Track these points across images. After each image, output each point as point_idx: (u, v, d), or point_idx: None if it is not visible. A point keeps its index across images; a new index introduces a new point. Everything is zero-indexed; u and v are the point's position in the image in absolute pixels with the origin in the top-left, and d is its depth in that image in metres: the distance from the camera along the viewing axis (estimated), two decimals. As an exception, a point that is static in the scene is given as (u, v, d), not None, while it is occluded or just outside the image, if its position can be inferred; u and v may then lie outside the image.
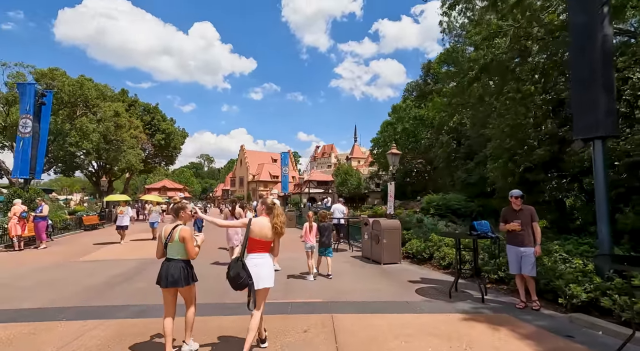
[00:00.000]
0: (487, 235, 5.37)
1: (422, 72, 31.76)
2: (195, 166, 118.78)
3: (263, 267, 3.50)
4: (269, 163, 63.69)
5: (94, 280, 6.91)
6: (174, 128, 31.42)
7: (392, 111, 41.42)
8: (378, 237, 8.60)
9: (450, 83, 23.90)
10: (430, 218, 15.78)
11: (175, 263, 3.48)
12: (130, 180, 35.47)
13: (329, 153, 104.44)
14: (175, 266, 3.46)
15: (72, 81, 21.31)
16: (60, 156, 22.83)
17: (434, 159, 26.60)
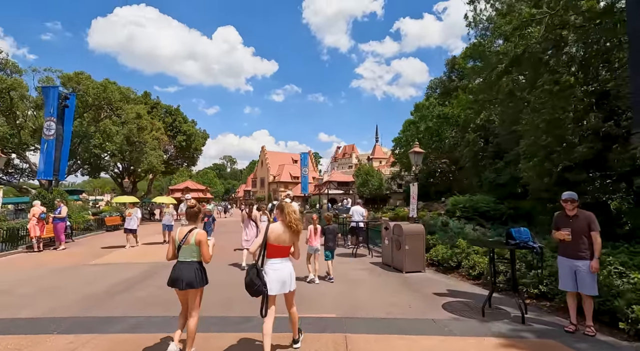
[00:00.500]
0: (527, 245, 4.61)
1: (446, 68, 30.51)
2: (219, 167, 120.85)
3: (283, 271, 3.52)
4: (289, 164, 63.63)
5: (99, 287, 6.63)
6: (195, 129, 31.69)
7: (415, 109, 40.19)
8: (399, 243, 7.92)
9: (476, 79, 22.73)
10: (456, 221, 14.85)
11: (189, 265, 3.52)
12: (154, 181, 36.13)
13: (349, 154, 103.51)
14: (190, 268, 3.51)
15: (96, 84, 21.77)
16: (86, 158, 23.38)
17: (460, 159, 25.38)
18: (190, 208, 3.78)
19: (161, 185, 68.78)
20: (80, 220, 16.93)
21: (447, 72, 30.73)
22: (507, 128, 15.74)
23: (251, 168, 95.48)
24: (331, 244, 7.56)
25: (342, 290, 6.40)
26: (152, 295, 6.07)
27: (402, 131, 43.47)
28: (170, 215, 12.78)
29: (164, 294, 6.04)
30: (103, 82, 22.49)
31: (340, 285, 6.77)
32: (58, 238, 11.80)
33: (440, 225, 14.45)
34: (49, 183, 16.25)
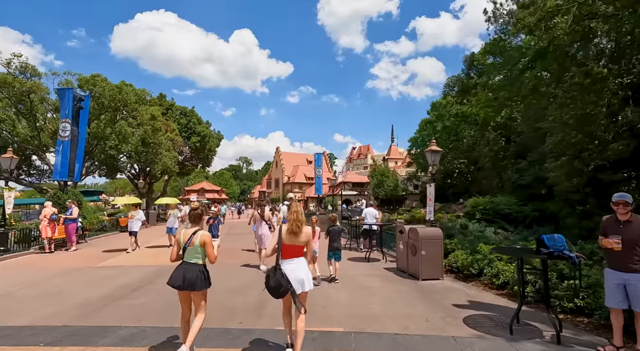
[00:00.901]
0: (563, 255, 4.03)
1: (465, 65, 29.54)
2: (234, 168, 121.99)
3: (299, 272, 3.50)
4: (304, 165, 63.43)
5: (99, 291, 6.40)
6: (209, 131, 31.79)
7: (432, 108, 39.21)
8: (415, 248, 7.39)
9: (496, 76, 21.84)
10: (476, 224, 14.14)
11: (194, 266, 3.52)
12: (169, 182, 36.49)
13: (365, 155, 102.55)
14: (193, 270, 3.49)
15: (111, 86, 22.00)
16: (102, 159, 23.68)
17: (479, 158, 24.46)
18: (193, 210, 3.78)
19: (179, 185, 69.76)
20: (95, 221, 17.04)
21: (465, 69, 29.76)
22: (530, 126, 14.90)
23: (266, 169, 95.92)
24: (336, 245, 7.38)
25: (352, 298, 5.94)
26: (151, 301, 5.78)
27: (419, 131, 42.54)
28: (174, 217, 12.28)
29: (163, 300, 5.74)
30: (119, 84, 22.74)
31: (351, 292, 6.31)
32: (69, 239, 11.79)
33: (459, 228, 13.79)
34: (64, 184, 16.43)
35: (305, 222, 3.72)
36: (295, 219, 3.59)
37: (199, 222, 3.75)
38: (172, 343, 3.94)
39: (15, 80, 19.99)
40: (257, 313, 5.16)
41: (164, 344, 3.96)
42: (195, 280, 3.45)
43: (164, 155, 24.66)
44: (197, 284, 3.46)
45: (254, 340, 4.09)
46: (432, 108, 38.77)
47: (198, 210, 3.79)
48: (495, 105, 20.64)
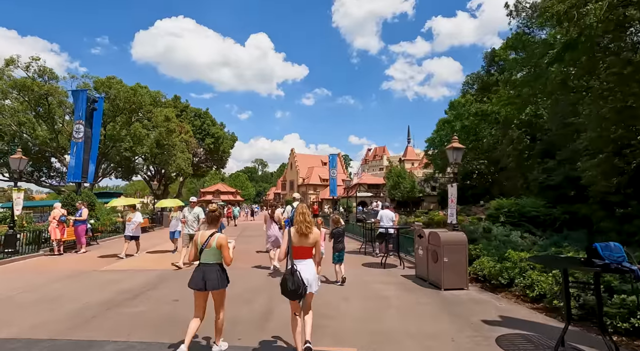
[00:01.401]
0: (622, 268, 3.33)
1: (485, 62, 28.40)
2: (250, 170, 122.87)
3: (307, 273, 3.53)
4: (318, 167, 62.99)
5: (97, 297, 6.03)
6: (223, 132, 31.74)
7: (450, 107, 38.07)
8: (436, 254, 6.73)
9: (519, 71, 20.85)
10: (501, 227, 13.24)
11: (211, 267, 3.65)
12: (188, 184, 36.67)
13: (380, 156, 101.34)
14: (211, 270, 3.63)
15: (126, 88, 22.13)
16: (117, 161, 23.85)
17: (500, 158, 23.33)
18: (211, 213, 3.92)
19: (195, 187, 70.45)
20: (108, 223, 17.00)
21: (485, 66, 28.62)
22: (559, 123, 13.91)
23: (281, 171, 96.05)
24: (340, 246, 7.35)
25: (366, 310, 5.35)
26: (148, 310, 5.35)
27: (436, 131, 41.41)
28: (177, 220, 11.16)
29: (162, 309, 5.32)
30: (133, 86, 22.87)
31: (364, 302, 5.71)
32: (79, 241, 11.63)
33: (482, 231, 12.91)
34: (78, 186, 16.48)
35: (313, 222, 3.69)
36: (302, 221, 3.60)
37: (216, 224, 3.88)
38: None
39: (33, 83, 20.34)
40: (261, 327, 4.65)
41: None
42: (215, 279, 3.60)
43: (177, 157, 24.64)
44: (217, 283, 3.61)
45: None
46: (450, 107, 37.64)
47: (216, 212, 3.93)
48: (518, 102, 19.64)
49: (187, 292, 6.40)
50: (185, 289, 6.62)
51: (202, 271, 3.63)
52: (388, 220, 10.61)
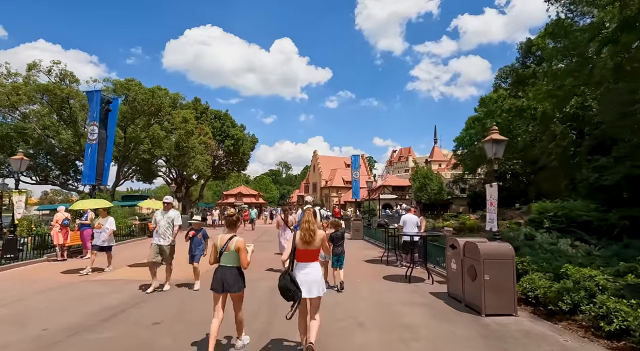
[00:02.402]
0: None
1: (520, 53, 26.23)
2: (274, 173, 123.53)
3: (312, 276, 3.55)
4: (342, 169, 61.73)
5: (71, 316, 5.20)
6: (243, 134, 31.28)
7: (480, 104, 35.82)
8: (475, 270, 5.42)
9: (561, 61, 18.89)
10: (545, 234, 11.58)
11: (230, 270, 3.75)
12: (211, 187, 36.58)
13: (405, 157, 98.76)
14: (230, 273, 3.73)
15: (145, 90, 22.00)
16: (136, 163, 23.78)
17: (539, 157, 21.21)
18: (229, 217, 4.01)
19: (220, 190, 71.12)
20: (122, 226, 16.63)
21: (520, 57, 26.45)
22: (613, 114, 12.05)
23: (304, 173, 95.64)
24: (340, 249, 7.00)
25: (385, 344, 4.16)
26: (119, 336, 4.43)
27: (465, 129, 39.19)
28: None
29: (136, 336, 4.39)
30: (152, 88, 22.71)
31: (384, 333, 4.52)
32: (84, 245, 11.10)
33: (524, 239, 11.31)
34: (93, 188, 16.25)
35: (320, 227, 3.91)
36: (307, 229, 3.59)
37: (235, 228, 3.95)
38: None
39: (55, 87, 20.55)
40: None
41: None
42: (234, 282, 3.70)
43: (196, 159, 24.28)
44: (235, 286, 3.70)
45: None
46: (481, 104, 35.43)
47: (234, 216, 3.99)
48: (560, 95, 17.70)
49: (172, 312, 5.52)
50: (171, 308, 5.78)
51: (221, 274, 3.73)
52: (412, 226, 9.33)
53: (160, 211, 7.04)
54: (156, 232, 6.90)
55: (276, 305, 5.54)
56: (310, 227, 3.59)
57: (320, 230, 3.73)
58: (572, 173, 15.41)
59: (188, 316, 5.22)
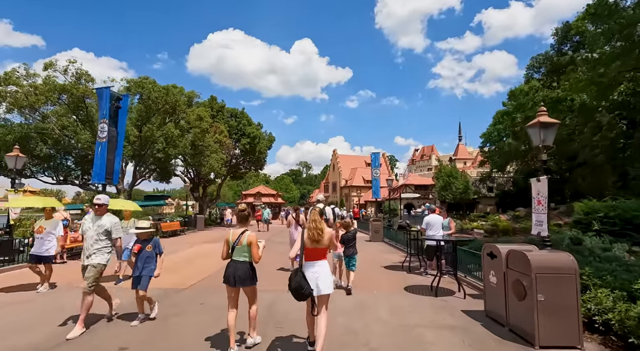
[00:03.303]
0: None
1: (555, 39, 24.10)
2: (295, 173, 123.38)
3: (321, 274, 3.59)
4: (362, 168, 60.28)
5: (32, 335, 4.40)
6: (259, 132, 30.60)
7: (509, 97, 33.56)
8: (522, 287, 4.22)
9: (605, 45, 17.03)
10: (595, 237, 10.02)
11: (242, 265, 3.80)
12: (231, 187, 36.24)
13: (428, 156, 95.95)
14: (242, 268, 3.78)
15: (158, 87, 21.63)
16: (150, 163, 23.51)
17: (579, 151, 19.21)
18: (240, 212, 4.10)
19: (241, 190, 71.14)
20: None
21: (555, 44, 24.31)
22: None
23: (324, 173, 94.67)
24: (351, 251, 6.73)
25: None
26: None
27: (493, 124, 36.94)
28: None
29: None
30: (165, 86, 22.33)
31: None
32: (86, 247, 10.55)
33: (569, 243, 9.81)
34: (103, 187, 15.88)
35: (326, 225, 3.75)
36: (314, 228, 3.63)
37: (246, 223, 4.03)
38: None
39: (72, 86, 20.50)
40: None
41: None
42: (245, 277, 3.76)
43: (210, 157, 23.76)
44: (246, 280, 3.77)
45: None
46: (510, 97, 33.20)
47: (245, 211, 4.11)
48: (604, 82, 15.85)
49: (145, 333, 4.53)
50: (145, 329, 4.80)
51: (233, 268, 3.78)
52: (437, 228, 8.11)
53: (90, 216, 4.96)
54: (86, 244, 4.84)
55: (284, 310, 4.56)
56: (317, 225, 3.63)
57: (328, 228, 3.76)
58: (621, 168, 13.59)
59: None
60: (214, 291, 6.62)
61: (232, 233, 3.88)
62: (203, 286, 7.13)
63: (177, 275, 8.15)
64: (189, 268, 9.29)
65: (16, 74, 20.25)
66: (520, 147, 31.31)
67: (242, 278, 3.72)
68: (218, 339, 4.19)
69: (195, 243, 15.43)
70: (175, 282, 7.34)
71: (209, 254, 12.27)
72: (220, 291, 6.66)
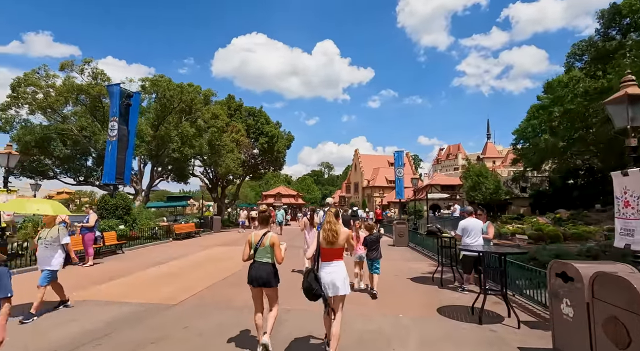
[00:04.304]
0: None
1: (600, 23, 21.68)
2: (316, 174, 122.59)
3: (336, 275, 3.57)
4: (385, 168, 58.41)
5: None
6: (277, 131, 29.73)
7: (546, 90, 30.97)
8: (626, 331, 2.84)
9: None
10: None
11: (265, 266, 3.78)
12: (241, 186, 35.65)
13: (454, 155, 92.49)
14: (264, 269, 3.77)
15: (173, 85, 21.14)
16: (166, 163, 23.07)
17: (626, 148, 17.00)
18: (261, 212, 4.16)
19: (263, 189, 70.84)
20: (145, 228, 15.59)
21: (601, 28, 21.88)
22: None
23: (346, 173, 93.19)
24: (375, 254, 6.53)
25: None
26: None
27: (527, 119, 34.45)
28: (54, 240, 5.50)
29: None
30: (180, 84, 21.82)
31: None
32: (87, 251, 9.85)
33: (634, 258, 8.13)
34: (114, 188, 15.38)
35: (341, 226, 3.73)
36: (330, 229, 3.62)
37: (268, 224, 4.00)
38: None
39: (89, 86, 20.35)
40: None
41: None
42: (267, 278, 3.74)
43: (227, 157, 23.05)
44: (270, 281, 3.76)
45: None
46: (547, 89, 30.64)
47: (266, 212, 4.14)
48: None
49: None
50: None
51: (256, 269, 3.78)
52: (477, 235, 6.71)
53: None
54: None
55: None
56: (332, 227, 3.63)
57: (344, 228, 3.77)
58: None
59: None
60: (207, 309, 5.59)
61: (254, 235, 3.90)
62: (197, 302, 6.09)
63: (172, 286, 7.18)
64: (191, 276, 8.34)
65: (36, 75, 20.34)
66: (558, 143, 28.76)
67: (265, 279, 3.73)
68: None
69: (207, 246, 14.61)
70: (165, 296, 6.34)
71: (218, 258, 11.36)
72: (215, 310, 5.62)
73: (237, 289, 6.85)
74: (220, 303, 5.94)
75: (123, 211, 14.48)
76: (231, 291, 6.70)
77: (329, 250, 3.64)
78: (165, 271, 8.93)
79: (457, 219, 24.24)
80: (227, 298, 6.27)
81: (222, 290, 6.88)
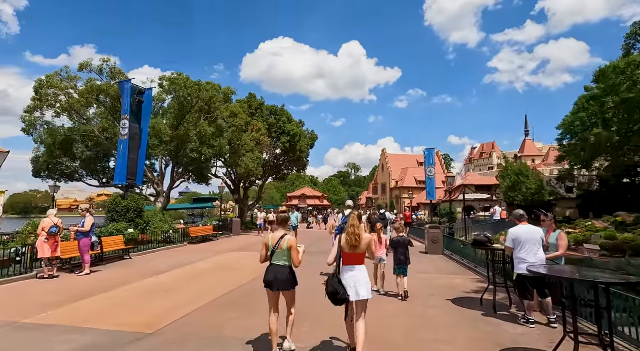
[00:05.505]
0: None
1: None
2: (343, 175, 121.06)
3: (359, 279, 3.56)
4: (413, 168, 55.85)
5: None
6: (300, 129, 28.52)
7: (598, 78, 27.65)
8: None
9: None
10: None
11: (282, 269, 3.76)
12: (263, 187, 34.73)
13: (489, 154, 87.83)
14: (282, 272, 3.75)
15: (190, 83, 20.43)
16: (185, 163, 22.43)
17: None
18: (280, 214, 4.17)
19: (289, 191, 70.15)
20: (159, 231, 14.78)
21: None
22: None
23: (373, 174, 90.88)
24: (402, 258, 6.36)
25: None
26: None
27: (574, 112, 31.04)
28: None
29: None
30: (197, 81, 21.10)
31: None
32: (83, 258, 8.95)
33: None
34: (125, 189, 14.69)
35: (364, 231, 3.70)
36: (353, 233, 3.59)
37: (286, 226, 3.99)
38: None
39: (107, 86, 20.07)
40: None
41: None
42: (286, 281, 3.72)
43: (246, 157, 22.09)
44: (287, 284, 3.74)
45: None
46: (599, 77, 27.36)
47: (286, 213, 4.25)
48: None
49: None
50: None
51: (274, 273, 3.73)
52: (533, 247, 5.01)
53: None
54: None
55: None
56: (356, 231, 3.59)
57: (367, 234, 3.73)
58: None
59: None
60: (187, 343, 4.29)
61: (271, 238, 3.85)
62: (178, 330, 4.82)
63: (160, 305, 5.98)
64: (188, 290, 7.16)
65: (58, 77, 20.32)
66: (613, 138, 25.68)
67: (283, 283, 3.70)
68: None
69: (221, 252, 13.54)
70: (144, 321, 5.13)
71: (227, 267, 10.17)
72: (197, 343, 4.32)
73: (234, 312, 5.56)
74: (206, 333, 4.66)
75: (135, 213, 13.72)
76: (226, 316, 5.40)
77: (352, 255, 3.62)
78: (162, 283, 7.81)
79: (498, 224, 21.84)
80: (218, 325, 4.98)
81: (216, 313, 5.59)
